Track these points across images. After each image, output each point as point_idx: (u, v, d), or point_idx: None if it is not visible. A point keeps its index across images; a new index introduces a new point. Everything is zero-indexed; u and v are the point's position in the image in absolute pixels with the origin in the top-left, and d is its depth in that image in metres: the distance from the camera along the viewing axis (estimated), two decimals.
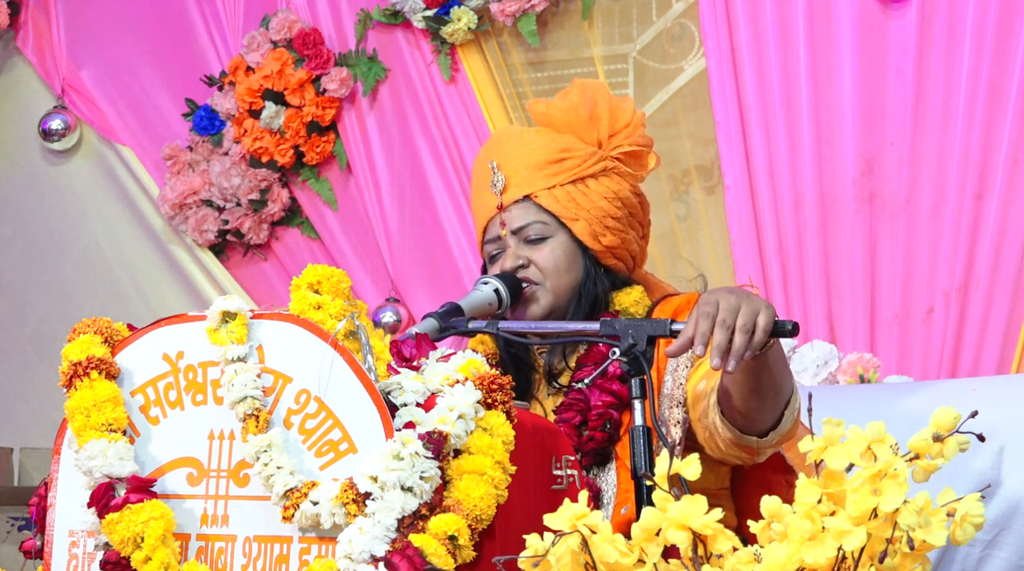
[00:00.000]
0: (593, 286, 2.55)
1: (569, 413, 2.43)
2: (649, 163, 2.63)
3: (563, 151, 2.55)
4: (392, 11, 4.37)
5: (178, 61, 4.65)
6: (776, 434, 2.32)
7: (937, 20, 3.78)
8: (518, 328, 2.38)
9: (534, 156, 2.56)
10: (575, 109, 2.58)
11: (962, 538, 1.66)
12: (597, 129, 2.57)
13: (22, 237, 4.81)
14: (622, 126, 2.59)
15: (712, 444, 2.36)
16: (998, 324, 3.69)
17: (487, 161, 2.60)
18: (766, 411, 2.29)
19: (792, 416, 2.32)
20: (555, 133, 2.58)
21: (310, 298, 1.98)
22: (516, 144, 2.59)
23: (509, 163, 2.57)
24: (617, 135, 2.58)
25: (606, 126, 2.58)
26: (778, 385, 2.27)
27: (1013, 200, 3.70)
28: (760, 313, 2.14)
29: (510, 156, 2.57)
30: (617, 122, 2.58)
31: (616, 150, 2.58)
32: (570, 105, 2.59)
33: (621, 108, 2.60)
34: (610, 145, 2.58)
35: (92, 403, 1.98)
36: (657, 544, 1.71)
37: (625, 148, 2.58)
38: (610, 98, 2.60)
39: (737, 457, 2.37)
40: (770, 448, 2.36)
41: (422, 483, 1.85)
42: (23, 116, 4.80)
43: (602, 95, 2.60)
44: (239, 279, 4.58)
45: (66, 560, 2.02)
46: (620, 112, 2.60)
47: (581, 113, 2.57)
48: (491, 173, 2.58)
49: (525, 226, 2.55)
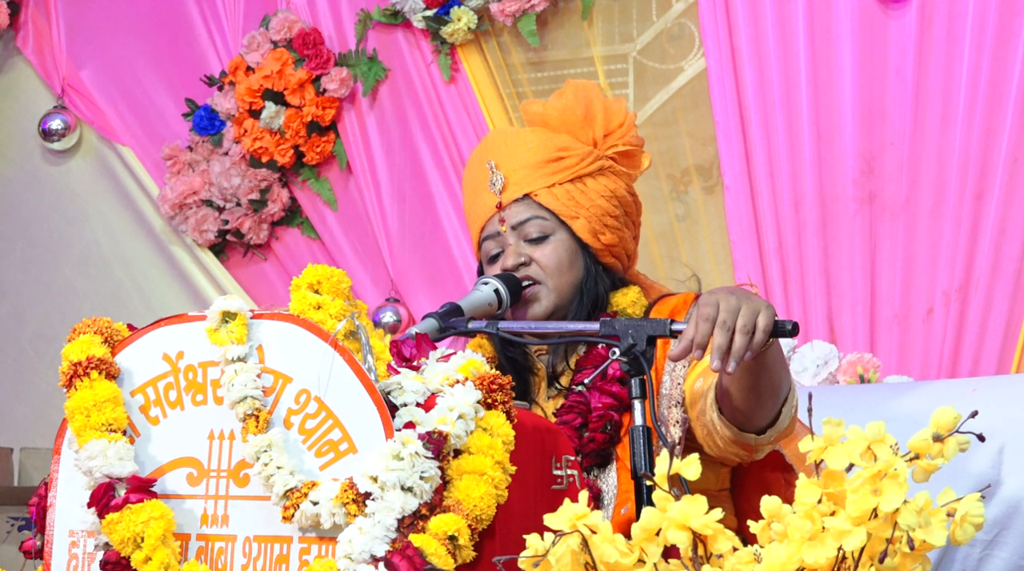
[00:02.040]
0: (595, 285, 2.56)
1: (570, 415, 2.44)
2: (643, 163, 2.65)
3: (561, 150, 2.56)
4: (392, 11, 4.37)
5: (178, 61, 4.65)
6: (774, 431, 2.33)
7: (937, 20, 3.78)
8: (518, 328, 2.38)
9: (533, 155, 2.57)
10: (570, 109, 2.59)
11: (962, 538, 1.66)
12: (592, 129, 2.59)
13: (22, 237, 4.80)
14: (616, 126, 2.60)
15: (710, 442, 2.37)
16: (998, 324, 3.69)
17: (484, 161, 2.60)
18: (764, 409, 2.30)
19: (790, 413, 2.33)
20: (551, 133, 2.59)
21: (310, 298, 1.98)
22: (514, 143, 2.60)
23: (508, 162, 2.57)
24: (611, 135, 2.60)
25: (601, 126, 2.59)
26: (776, 384, 2.27)
27: (1013, 200, 3.69)
28: (760, 314, 2.14)
29: (508, 155, 2.58)
30: (611, 122, 2.60)
31: (611, 150, 2.59)
32: (565, 105, 2.60)
33: (614, 108, 2.62)
34: (605, 144, 2.59)
35: (92, 403, 1.98)
36: (657, 544, 1.71)
37: (620, 147, 2.59)
38: (604, 98, 2.62)
39: (736, 455, 2.38)
40: (768, 445, 2.36)
41: (422, 483, 1.85)
42: (23, 116, 4.80)
43: (596, 95, 2.61)
44: (239, 279, 4.58)
45: (66, 560, 2.02)
46: (614, 112, 2.61)
47: (576, 113, 2.59)
48: (489, 173, 2.58)
49: (526, 221, 2.56)
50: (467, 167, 2.70)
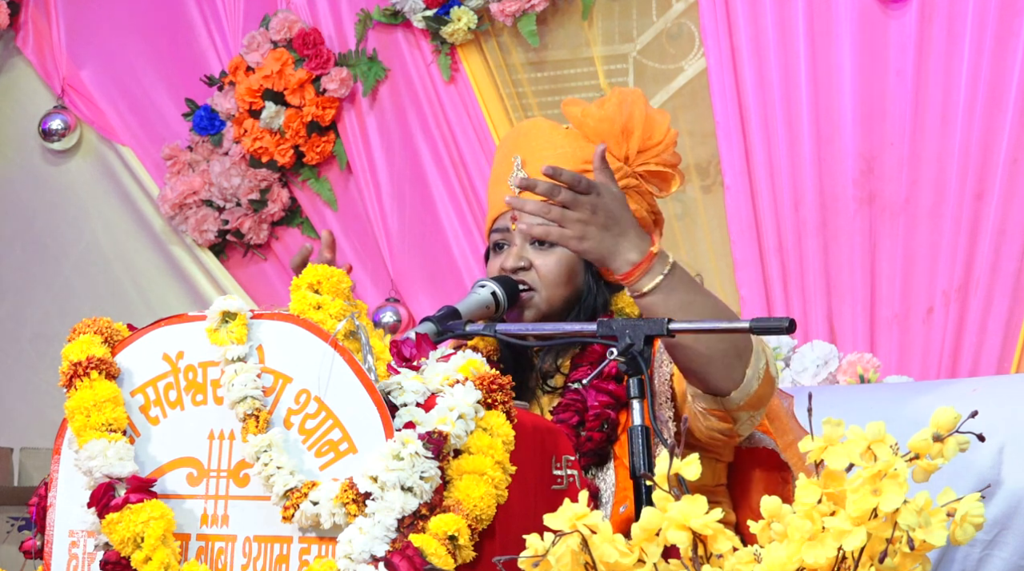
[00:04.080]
0: (592, 301, 2.54)
1: (567, 414, 2.43)
2: (673, 185, 2.57)
3: (587, 163, 2.48)
4: (392, 11, 4.37)
5: (178, 61, 4.65)
6: (742, 394, 2.33)
7: (937, 20, 3.78)
8: (516, 330, 2.37)
9: (558, 162, 2.50)
10: (609, 120, 2.52)
11: (962, 538, 1.66)
12: (628, 143, 2.52)
13: (22, 237, 4.80)
14: (653, 143, 2.53)
15: (697, 425, 2.39)
16: (998, 324, 3.69)
17: (512, 154, 2.55)
18: (717, 369, 2.31)
19: (757, 377, 2.33)
20: (584, 140, 2.54)
21: (310, 298, 1.98)
22: (544, 144, 2.54)
23: (533, 163, 2.51)
24: (646, 152, 2.53)
25: (636, 141, 2.52)
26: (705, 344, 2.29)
27: (1013, 200, 3.70)
28: (587, 238, 2.28)
29: (536, 156, 2.52)
30: (648, 139, 2.53)
31: (642, 167, 2.53)
32: (605, 115, 2.53)
33: (656, 124, 2.55)
34: (637, 161, 2.52)
35: (92, 403, 1.98)
36: (657, 544, 1.71)
37: (652, 167, 2.53)
38: (647, 112, 2.54)
39: (720, 432, 2.38)
40: (744, 412, 2.36)
41: (422, 483, 1.85)
42: (23, 116, 4.80)
43: (639, 107, 2.54)
44: (239, 279, 4.58)
45: (66, 560, 2.02)
46: (654, 128, 2.54)
47: (615, 125, 2.51)
48: (513, 168, 2.55)
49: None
50: (498, 150, 2.65)
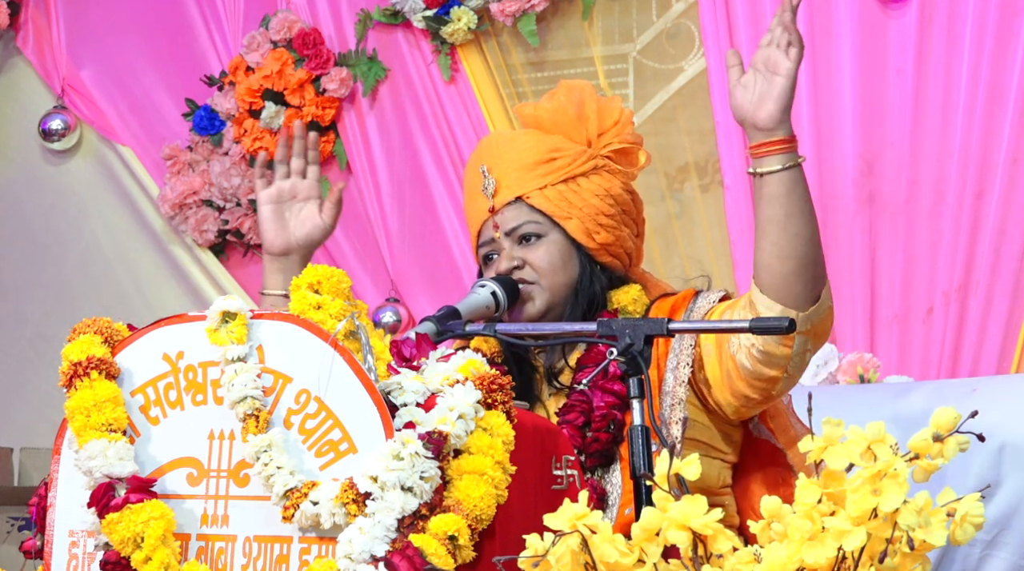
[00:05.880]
0: (590, 284, 2.55)
1: (572, 414, 2.43)
2: (640, 160, 2.64)
3: (552, 151, 2.55)
4: (392, 11, 4.37)
5: (178, 61, 4.65)
6: (817, 312, 2.38)
7: (937, 20, 3.78)
8: (516, 330, 2.37)
9: (524, 157, 2.56)
10: (563, 109, 2.59)
11: (962, 538, 1.66)
12: (586, 128, 2.58)
13: (22, 237, 4.80)
14: (611, 124, 2.59)
15: (733, 388, 2.41)
16: (998, 324, 3.69)
17: (478, 166, 2.60)
18: (804, 276, 2.37)
19: (828, 302, 2.40)
20: (544, 134, 2.59)
21: (310, 298, 1.98)
22: (506, 147, 2.60)
23: (499, 166, 2.57)
24: (606, 133, 2.59)
25: (594, 125, 2.58)
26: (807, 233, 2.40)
27: (1013, 199, 3.70)
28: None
29: (500, 159, 2.57)
30: (605, 120, 2.59)
31: (606, 148, 2.58)
32: (557, 105, 2.59)
33: (608, 107, 2.61)
34: (599, 143, 2.58)
35: (92, 403, 1.97)
36: (657, 544, 1.71)
37: (615, 146, 2.58)
38: (597, 97, 2.61)
39: (763, 381, 2.40)
40: (807, 338, 2.39)
41: (422, 483, 1.85)
42: (23, 116, 4.80)
43: (589, 95, 2.60)
44: (239, 279, 4.58)
45: (66, 560, 2.02)
46: (608, 111, 2.60)
47: (569, 113, 2.58)
48: (482, 177, 2.58)
49: (518, 226, 2.55)
50: (465, 171, 2.70)
